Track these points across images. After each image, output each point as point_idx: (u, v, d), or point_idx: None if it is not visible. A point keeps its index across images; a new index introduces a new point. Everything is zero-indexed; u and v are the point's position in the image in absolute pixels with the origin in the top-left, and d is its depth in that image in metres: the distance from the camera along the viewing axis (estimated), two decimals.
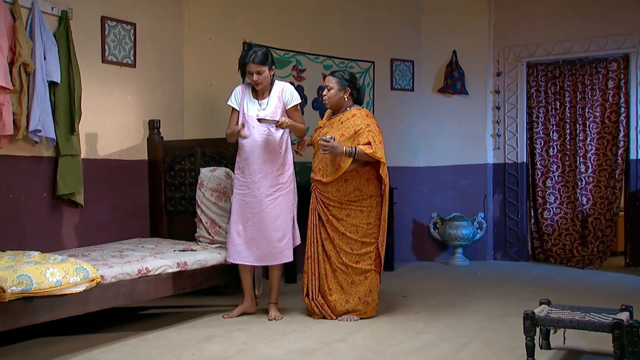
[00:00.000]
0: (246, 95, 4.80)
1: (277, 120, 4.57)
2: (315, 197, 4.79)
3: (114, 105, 5.43)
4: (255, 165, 4.68)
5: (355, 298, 4.66)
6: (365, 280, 4.68)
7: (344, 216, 4.69)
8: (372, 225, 4.71)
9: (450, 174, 7.95)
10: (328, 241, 4.72)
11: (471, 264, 7.52)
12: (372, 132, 4.61)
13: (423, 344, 4.01)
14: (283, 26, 6.88)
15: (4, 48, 4.34)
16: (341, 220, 4.69)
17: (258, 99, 4.77)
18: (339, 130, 4.68)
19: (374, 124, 4.70)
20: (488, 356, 3.73)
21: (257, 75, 4.62)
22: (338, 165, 4.62)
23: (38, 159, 4.80)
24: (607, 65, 7.33)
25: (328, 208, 4.72)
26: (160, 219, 5.66)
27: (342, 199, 4.68)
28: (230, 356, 3.76)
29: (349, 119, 4.71)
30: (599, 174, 7.37)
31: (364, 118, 4.69)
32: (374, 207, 4.72)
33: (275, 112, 4.69)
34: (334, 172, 4.65)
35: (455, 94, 7.84)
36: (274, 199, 4.68)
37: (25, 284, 3.35)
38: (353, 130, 4.63)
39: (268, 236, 4.66)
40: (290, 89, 4.80)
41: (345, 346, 3.95)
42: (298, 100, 4.78)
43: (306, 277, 4.76)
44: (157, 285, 4.30)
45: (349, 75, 4.84)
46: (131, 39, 5.51)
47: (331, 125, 4.78)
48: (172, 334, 4.30)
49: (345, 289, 4.68)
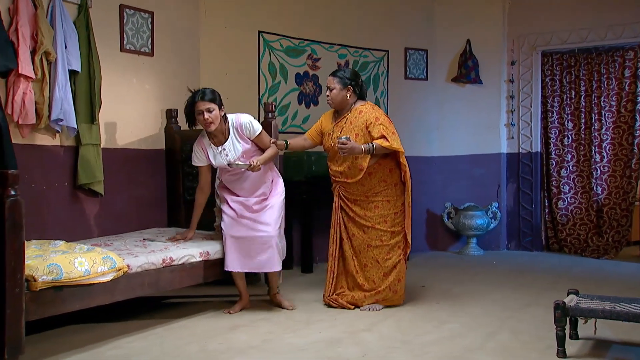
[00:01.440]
0: (207, 147, 4.60)
1: (249, 164, 4.40)
2: (339, 195, 4.81)
3: (132, 94, 5.40)
4: (241, 191, 4.67)
5: (386, 288, 4.69)
6: (394, 269, 4.70)
7: (372, 208, 4.71)
8: (398, 214, 4.74)
9: (464, 164, 7.92)
10: (356, 237, 4.75)
11: (485, 253, 7.50)
12: (382, 124, 4.60)
13: (449, 333, 4.00)
14: (298, 14, 6.84)
15: (26, 36, 4.31)
16: (369, 214, 4.71)
17: (218, 145, 4.57)
18: (351, 130, 4.65)
19: (382, 116, 4.70)
20: (516, 346, 3.72)
21: (208, 113, 4.38)
22: (360, 165, 4.60)
23: (59, 149, 4.78)
24: (623, 53, 7.28)
25: (354, 204, 4.75)
26: (179, 209, 5.63)
27: (368, 192, 4.70)
28: (257, 346, 3.76)
29: (357, 117, 4.68)
30: (615, 164, 7.34)
31: (371, 112, 4.68)
32: (399, 195, 4.74)
33: (245, 151, 4.56)
34: (357, 172, 4.63)
35: (469, 83, 7.80)
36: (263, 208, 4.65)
37: (55, 273, 3.35)
38: (364, 126, 4.62)
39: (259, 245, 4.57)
40: (246, 120, 4.56)
41: (372, 336, 3.95)
42: (259, 128, 4.58)
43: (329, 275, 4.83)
44: (180, 274, 4.29)
45: (350, 73, 4.78)
46: (149, 27, 5.48)
47: (340, 127, 4.73)
48: (196, 323, 4.30)
49: (377, 283, 4.70)
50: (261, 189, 4.68)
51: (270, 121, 5.16)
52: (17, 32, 4.27)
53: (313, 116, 6.90)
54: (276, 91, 6.65)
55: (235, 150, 4.56)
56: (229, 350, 3.66)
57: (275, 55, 6.62)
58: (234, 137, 4.57)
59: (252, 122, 4.58)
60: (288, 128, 6.70)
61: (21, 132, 4.46)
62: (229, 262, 4.48)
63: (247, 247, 4.52)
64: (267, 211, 4.64)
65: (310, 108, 6.93)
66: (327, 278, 4.83)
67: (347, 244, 4.78)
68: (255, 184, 4.65)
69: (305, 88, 6.87)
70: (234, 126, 4.57)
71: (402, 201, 4.74)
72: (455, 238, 7.88)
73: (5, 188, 3.10)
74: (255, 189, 4.66)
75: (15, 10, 4.32)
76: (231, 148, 4.56)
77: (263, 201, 4.67)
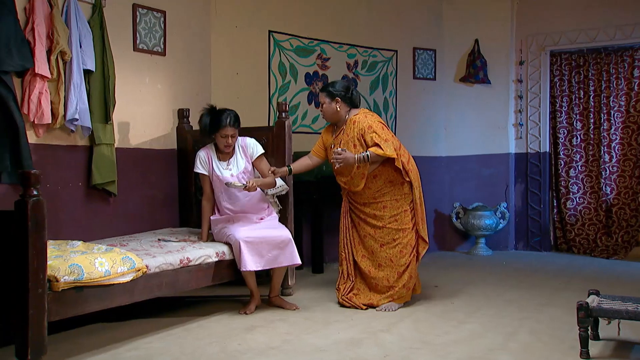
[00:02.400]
0: (212, 158, 4.77)
1: (245, 185, 4.53)
2: (348, 200, 4.92)
3: (145, 94, 5.38)
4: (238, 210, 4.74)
5: (402, 287, 4.71)
6: (408, 268, 4.72)
7: (381, 209, 4.76)
8: (408, 212, 4.76)
9: (471, 164, 7.91)
10: (369, 238, 4.80)
11: (494, 254, 7.49)
12: (375, 132, 4.63)
13: (469, 334, 3.99)
14: (308, 14, 6.82)
15: (42, 36, 4.29)
16: (379, 214, 4.75)
17: (222, 159, 4.75)
18: (348, 142, 4.73)
19: (375, 122, 4.71)
20: (538, 347, 3.71)
21: (232, 139, 4.64)
22: (362, 174, 4.67)
23: (73, 148, 4.76)
24: (632, 53, 7.27)
25: (365, 206, 4.81)
26: (190, 209, 5.61)
27: (376, 193, 4.75)
28: (278, 346, 3.74)
29: (352, 128, 4.73)
30: (624, 164, 7.33)
31: (364, 121, 4.71)
32: (407, 193, 4.76)
33: (246, 170, 4.72)
34: (359, 181, 4.69)
35: (477, 83, 7.79)
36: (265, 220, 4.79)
37: (77, 274, 3.33)
38: (359, 135, 4.69)
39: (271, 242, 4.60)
40: (251, 142, 4.79)
41: (392, 337, 3.93)
42: (261, 151, 4.79)
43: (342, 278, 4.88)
44: (197, 275, 4.27)
45: (339, 85, 4.84)
46: (161, 27, 5.46)
47: (339, 140, 4.80)
48: (213, 323, 4.28)
49: (392, 282, 4.71)
50: (259, 213, 4.79)
51: (284, 121, 5.14)
52: (33, 32, 4.25)
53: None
54: (286, 91, 6.63)
55: (238, 166, 4.72)
56: (249, 351, 3.64)
57: (285, 54, 6.60)
58: (238, 153, 4.76)
59: (256, 144, 4.80)
60: (298, 128, 6.68)
61: (36, 132, 4.45)
62: (245, 262, 4.44)
63: (261, 247, 4.51)
64: (273, 221, 4.81)
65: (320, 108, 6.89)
66: (339, 280, 4.86)
67: (360, 246, 4.83)
68: (254, 205, 4.76)
69: (315, 88, 6.84)
70: (239, 144, 4.78)
71: (410, 199, 4.76)
72: (464, 238, 7.86)
73: (27, 188, 3.09)
74: (253, 211, 4.76)
75: (32, 10, 4.30)
76: (235, 164, 4.72)
77: (262, 219, 4.78)
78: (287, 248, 4.58)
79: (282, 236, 4.58)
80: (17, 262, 3.06)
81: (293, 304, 4.74)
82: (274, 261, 4.56)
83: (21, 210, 3.05)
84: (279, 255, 4.56)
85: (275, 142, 5.14)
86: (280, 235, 4.58)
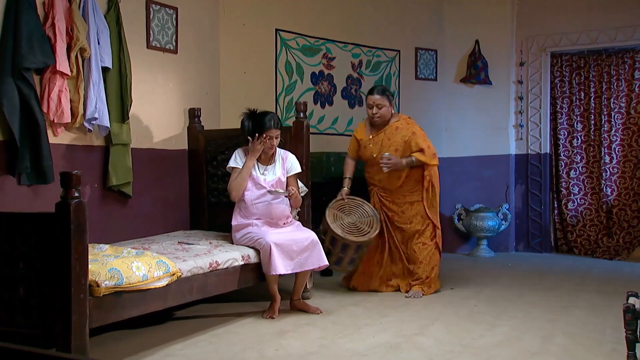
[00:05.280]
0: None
1: (288, 192, 4.59)
2: (379, 199, 5.34)
3: (158, 92, 5.24)
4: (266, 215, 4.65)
5: (426, 278, 5.24)
6: (431, 260, 5.30)
7: (408, 208, 5.27)
8: (430, 209, 5.33)
9: (472, 165, 7.89)
10: (398, 232, 5.29)
11: (496, 255, 7.48)
12: (419, 137, 5.16)
13: (505, 337, 3.94)
14: (314, 12, 6.74)
15: (62, 32, 4.13)
16: (407, 212, 5.31)
17: (262, 164, 4.70)
18: (390, 146, 5.18)
19: (417, 129, 5.24)
20: (578, 349, 3.67)
21: (276, 140, 4.62)
22: (399, 175, 5.22)
23: (89, 148, 4.61)
24: (633, 55, 7.32)
25: (393, 204, 5.33)
26: (202, 211, 5.48)
27: (406, 192, 5.31)
28: (316, 352, 3.64)
29: (394, 134, 5.20)
30: (624, 165, 7.38)
31: (407, 127, 5.21)
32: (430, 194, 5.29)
33: (279, 181, 4.68)
34: (396, 180, 5.24)
35: (478, 84, 7.78)
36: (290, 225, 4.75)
37: (117, 279, 3.20)
38: (402, 141, 5.17)
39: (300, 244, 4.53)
40: (292, 158, 4.79)
41: (428, 340, 3.86)
42: (299, 169, 4.78)
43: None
44: (225, 278, 4.16)
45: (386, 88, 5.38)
46: (173, 23, 5.32)
47: (379, 142, 5.22)
48: (240, 329, 4.17)
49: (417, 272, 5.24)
50: (283, 219, 4.71)
51: (302, 121, 5.05)
52: (53, 28, 4.10)
53: (328, 116, 6.83)
54: (293, 90, 6.54)
55: (275, 174, 4.68)
56: (288, 357, 3.55)
57: (291, 53, 6.51)
58: (278, 163, 4.73)
59: (296, 161, 4.79)
60: None
61: (54, 131, 4.29)
62: (276, 266, 4.33)
63: (291, 250, 4.41)
64: (297, 224, 4.80)
65: (326, 108, 6.83)
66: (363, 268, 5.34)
67: (391, 239, 5.32)
68: (283, 211, 4.67)
69: (321, 88, 6.77)
70: (281, 155, 4.76)
71: (435, 192, 5.33)
72: (465, 239, 7.84)
73: (69, 189, 2.96)
74: (280, 216, 4.67)
75: (51, 5, 4.14)
76: (272, 171, 4.69)
77: (285, 224, 4.72)
78: (315, 249, 4.51)
79: (309, 238, 4.51)
80: (58, 266, 2.92)
81: (316, 307, 4.65)
82: (304, 264, 4.47)
83: (63, 212, 2.91)
84: (308, 258, 4.48)
85: (293, 142, 5.04)
86: (308, 237, 4.51)
